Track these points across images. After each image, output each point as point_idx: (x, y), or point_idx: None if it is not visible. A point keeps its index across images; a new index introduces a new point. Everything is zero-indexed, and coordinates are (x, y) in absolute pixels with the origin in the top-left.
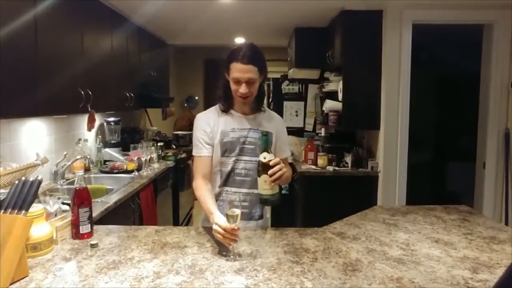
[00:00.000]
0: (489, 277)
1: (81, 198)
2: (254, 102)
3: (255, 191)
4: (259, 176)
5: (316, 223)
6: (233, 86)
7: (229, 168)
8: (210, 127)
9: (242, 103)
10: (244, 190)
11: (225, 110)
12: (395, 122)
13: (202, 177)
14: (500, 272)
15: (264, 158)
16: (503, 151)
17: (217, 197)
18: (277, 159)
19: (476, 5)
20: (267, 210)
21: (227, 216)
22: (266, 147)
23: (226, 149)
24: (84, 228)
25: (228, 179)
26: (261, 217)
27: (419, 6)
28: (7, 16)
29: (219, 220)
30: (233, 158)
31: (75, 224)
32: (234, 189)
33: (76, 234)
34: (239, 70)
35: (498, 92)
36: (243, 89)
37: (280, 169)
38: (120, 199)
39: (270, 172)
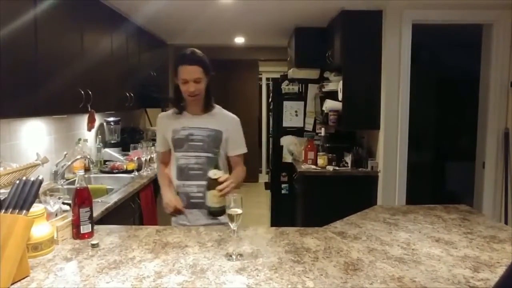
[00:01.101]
0: (490, 276)
1: (82, 198)
2: (203, 102)
3: (199, 182)
4: (208, 190)
5: (316, 222)
6: (182, 87)
7: (181, 162)
8: (165, 126)
9: (192, 101)
10: (198, 183)
11: (179, 112)
12: (395, 122)
13: (161, 163)
14: (500, 271)
15: (214, 174)
16: (502, 151)
17: (177, 189)
18: (226, 176)
19: (475, 5)
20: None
21: (229, 215)
22: (216, 165)
23: (176, 145)
24: (85, 228)
25: (183, 173)
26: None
27: (419, 6)
28: (7, 16)
29: (168, 198)
30: (182, 154)
31: (76, 224)
32: (189, 182)
33: (77, 234)
34: (185, 71)
35: (497, 92)
36: (191, 87)
37: (228, 185)
38: (120, 199)
39: (219, 187)
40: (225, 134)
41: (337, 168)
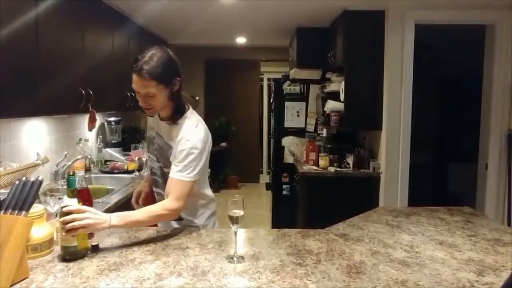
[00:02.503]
0: (495, 280)
1: (83, 198)
2: (171, 112)
3: (162, 192)
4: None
5: (318, 224)
6: (137, 97)
7: (149, 163)
8: (150, 120)
9: (148, 113)
10: (158, 190)
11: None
12: (397, 123)
13: None
14: (505, 274)
15: (63, 202)
16: (505, 152)
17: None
18: (75, 207)
19: (478, 5)
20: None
21: (230, 217)
22: (72, 189)
23: (147, 143)
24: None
25: (151, 175)
26: (180, 218)
27: (422, 6)
28: (8, 15)
29: None
30: (149, 154)
31: None
32: (154, 188)
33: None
34: (135, 82)
35: (500, 93)
36: (141, 101)
37: (74, 220)
38: (121, 199)
39: (61, 219)
40: (174, 151)
41: (338, 169)
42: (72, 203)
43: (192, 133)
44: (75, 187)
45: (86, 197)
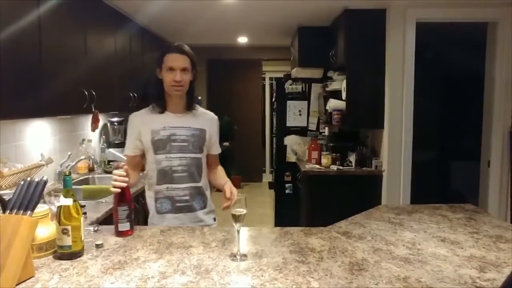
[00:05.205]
0: (497, 276)
1: (119, 197)
2: (185, 100)
3: (193, 184)
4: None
5: (321, 222)
6: (168, 77)
7: (163, 165)
8: (141, 126)
9: (175, 96)
10: (183, 185)
11: (160, 111)
12: (399, 121)
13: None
14: (507, 271)
15: (58, 201)
16: (508, 149)
17: (158, 194)
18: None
19: (480, 3)
20: (208, 196)
21: (233, 215)
22: (68, 188)
23: (158, 147)
24: (122, 226)
25: (166, 176)
26: (204, 206)
27: (423, 5)
28: (11, 17)
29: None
30: (165, 155)
31: (115, 221)
32: (174, 186)
33: (116, 231)
34: (173, 59)
35: (502, 91)
36: (178, 76)
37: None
38: None
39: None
40: (209, 133)
41: (341, 167)
42: (68, 203)
43: (213, 114)
44: (71, 187)
45: (122, 196)
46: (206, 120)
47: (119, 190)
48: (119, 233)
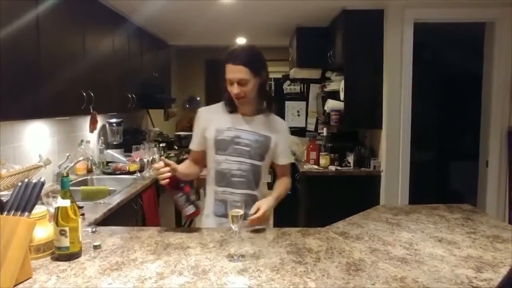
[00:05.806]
0: (493, 276)
1: (170, 185)
2: (254, 103)
3: (248, 192)
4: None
5: (319, 223)
6: (228, 87)
7: (223, 166)
8: (207, 123)
9: (239, 103)
10: (239, 191)
11: (230, 110)
12: (397, 121)
13: (191, 160)
14: (504, 271)
15: (56, 202)
16: (506, 149)
17: (216, 195)
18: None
19: (478, 3)
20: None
21: (231, 217)
22: (65, 190)
23: (219, 147)
24: (187, 210)
25: (224, 179)
26: (246, 217)
27: (421, 5)
28: (9, 17)
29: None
30: (225, 157)
31: (180, 208)
32: (230, 190)
33: (184, 216)
34: (230, 71)
35: (500, 91)
36: (235, 89)
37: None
38: (123, 200)
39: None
40: (274, 141)
41: (339, 168)
42: (65, 204)
43: (284, 122)
44: (68, 188)
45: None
46: (275, 127)
47: (167, 180)
48: (188, 217)
